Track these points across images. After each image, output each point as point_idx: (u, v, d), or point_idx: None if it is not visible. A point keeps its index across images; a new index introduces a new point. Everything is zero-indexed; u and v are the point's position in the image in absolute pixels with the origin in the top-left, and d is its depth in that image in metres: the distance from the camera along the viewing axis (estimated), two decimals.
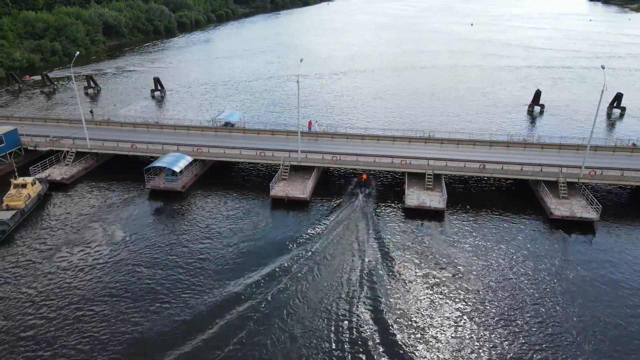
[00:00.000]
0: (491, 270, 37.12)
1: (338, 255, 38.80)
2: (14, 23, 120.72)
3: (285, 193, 47.83)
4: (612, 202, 48.23)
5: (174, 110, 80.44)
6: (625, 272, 36.91)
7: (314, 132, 62.06)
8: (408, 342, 30.04)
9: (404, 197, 47.13)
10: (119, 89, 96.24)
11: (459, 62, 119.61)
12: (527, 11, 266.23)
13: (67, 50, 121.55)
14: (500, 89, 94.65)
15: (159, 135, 60.59)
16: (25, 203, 44.73)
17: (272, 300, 33.39)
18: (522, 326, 31.36)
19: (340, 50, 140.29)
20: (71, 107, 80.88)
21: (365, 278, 36.02)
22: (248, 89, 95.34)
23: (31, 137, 58.26)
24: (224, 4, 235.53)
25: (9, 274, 36.46)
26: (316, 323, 31.35)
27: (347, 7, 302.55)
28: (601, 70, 49.67)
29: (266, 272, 36.43)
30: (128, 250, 39.45)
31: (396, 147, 56.54)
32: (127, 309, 32.63)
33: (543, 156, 53.20)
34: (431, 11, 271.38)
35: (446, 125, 70.10)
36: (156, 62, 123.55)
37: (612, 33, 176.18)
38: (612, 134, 69.88)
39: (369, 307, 33.00)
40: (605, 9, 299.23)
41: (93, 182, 52.56)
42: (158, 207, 47.63)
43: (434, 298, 34.12)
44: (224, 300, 33.30)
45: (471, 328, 31.31)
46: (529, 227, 43.71)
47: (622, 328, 31.22)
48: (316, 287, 34.88)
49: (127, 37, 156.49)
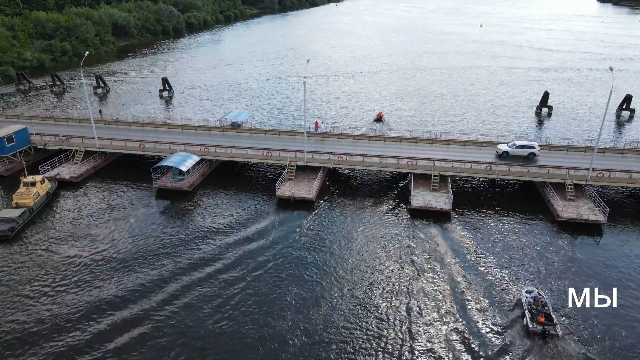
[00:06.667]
0: (497, 272, 36.95)
1: (342, 255, 38.92)
2: (24, 23, 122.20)
3: (292, 193, 47.99)
4: (619, 205, 47.78)
5: (182, 110, 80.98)
6: (633, 275, 36.60)
7: (321, 132, 62.21)
8: (407, 341, 30.06)
9: (409, 197, 47.10)
10: (127, 88, 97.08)
11: (468, 64, 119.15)
12: (537, 13, 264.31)
13: (77, 51, 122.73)
14: (509, 90, 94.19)
15: (166, 134, 61.04)
16: (34, 201, 45.26)
17: (275, 297, 33.56)
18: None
19: (347, 51, 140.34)
20: (80, 106, 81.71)
21: (367, 277, 36.09)
22: (255, 89, 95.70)
23: (41, 136, 58.92)
24: (232, 5, 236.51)
25: (17, 270, 36.95)
26: (317, 321, 31.46)
27: (355, 9, 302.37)
28: (610, 72, 49.27)
29: (272, 270, 36.63)
30: (134, 249, 39.77)
31: (402, 147, 56.47)
32: (133, 308, 32.90)
33: (550, 158, 52.85)
34: (439, 13, 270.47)
35: (453, 126, 69.85)
36: (164, 63, 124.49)
37: (622, 35, 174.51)
38: (620, 136, 69.28)
39: (369, 306, 33.04)
40: (616, 10, 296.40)
41: (101, 181, 53.05)
42: (165, 206, 47.98)
43: (434, 298, 34.08)
44: (224, 300, 33.49)
45: (472, 328, 31.25)
46: (536, 229, 43.47)
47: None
48: (319, 286, 35.01)
49: (136, 37, 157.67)
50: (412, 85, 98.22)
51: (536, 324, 29.88)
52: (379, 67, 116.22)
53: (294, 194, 47.80)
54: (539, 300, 31.31)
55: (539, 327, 29.71)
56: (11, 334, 30.53)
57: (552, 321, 30.07)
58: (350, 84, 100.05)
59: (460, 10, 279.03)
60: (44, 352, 29.09)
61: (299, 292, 34.33)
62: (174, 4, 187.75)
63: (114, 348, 29.38)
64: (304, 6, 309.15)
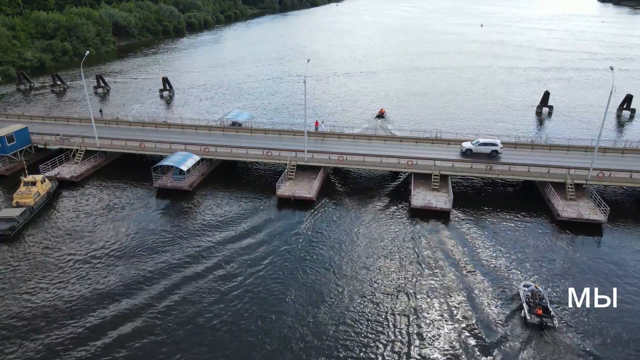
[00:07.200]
0: (497, 271, 36.95)
1: (342, 254, 38.93)
2: (25, 23, 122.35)
3: (292, 192, 48.00)
4: (620, 204, 47.79)
5: (182, 110, 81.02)
6: (633, 275, 36.59)
7: (321, 132, 62.21)
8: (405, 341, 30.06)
9: (410, 197, 47.11)
10: (128, 88, 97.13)
11: (468, 64, 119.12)
12: (537, 13, 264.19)
13: (78, 50, 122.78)
14: (509, 90, 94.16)
15: (167, 134, 61.07)
16: (35, 200, 45.31)
17: (275, 297, 33.59)
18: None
19: (347, 51, 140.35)
20: (81, 106, 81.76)
21: (368, 276, 36.11)
22: (255, 89, 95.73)
23: (41, 136, 58.96)
24: (232, 5, 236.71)
25: (17, 268, 36.99)
26: (317, 321, 31.50)
27: (355, 9, 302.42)
28: (611, 71, 49.24)
29: (272, 269, 36.66)
30: (135, 248, 39.80)
31: (403, 147, 56.47)
32: (131, 307, 32.92)
33: (551, 157, 52.83)
34: (440, 13, 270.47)
35: (453, 126, 69.83)
36: (165, 62, 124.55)
37: (623, 35, 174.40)
38: (621, 135, 69.22)
39: (369, 306, 33.06)
40: (616, 10, 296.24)
41: (102, 181, 53.09)
42: (165, 206, 48.00)
43: (435, 295, 34.09)
44: (223, 300, 33.51)
45: (472, 328, 31.27)
46: (536, 228, 43.46)
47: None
48: (319, 285, 35.04)
49: (137, 37, 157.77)
50: (412, 85, 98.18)
51: (534, 316, 30.78)
52: (379, 67, 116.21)
53: (294, 194, 47.81)
54: (537, 293, 32.16)
55: (536, 319, 30.62)
56: (11, 331, 30.57)
57: (549, 313, 30.93)
58: (351, 83, 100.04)
59: (461, 10, 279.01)
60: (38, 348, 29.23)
61: (299, 292, 34.33)
62: (175, 3, 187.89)
63: (112, 346, 29.37)
64: (305, 6, 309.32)
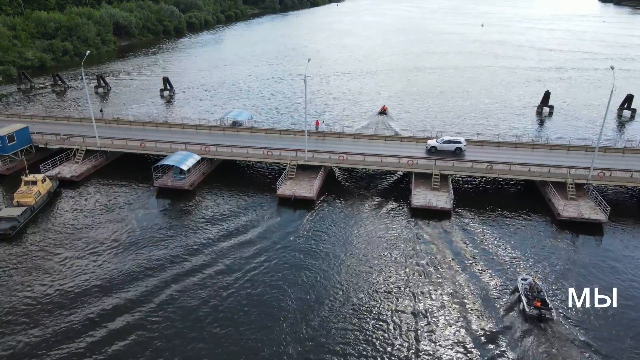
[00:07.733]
0: (497, 271, 36.94)
1: (342, 254, 38.92)
2: (26, 23, 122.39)
3: (292, 192, 48.01)
4: (620, 204, 47.77)
5: (183, 109, 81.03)
6: (633, 275, 36.56)
7: (321, 131, 62.20)
8: (405, 336, 30.08)
9: (410, 197, 47.10)
10: (128, 88, 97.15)
11: (468, 64, 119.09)
12: (538, 13, 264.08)
13: (78, 50, 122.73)
14: (510, 90, 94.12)
15: (167, 134, 61.09)
16: (35, 200, 45.33)
17: (274, 297, 33.59)
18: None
19: (347, 51, 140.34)
20: (82, 106, 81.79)
21: (368, 275, 36.11)
22: (256, 89, 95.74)
23: (42, 135, 58.98)
24: (233, 5, 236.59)
25: (17, 268, 37.01)
26: (317, 321, 31.51)
27: (355, 9, 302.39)
28: (611, 71, 49.18)
29: (271, 269, 36.66)
30: (134, 247, 39.81)
31: (403, 147, 56.48)
32: (134, 305, 32.93)
33: (551, 157, 52.82)
34: (440, 13, 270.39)
35: (454, 125, 69.80)
36: (165, 62, 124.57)
37: (624, 34, 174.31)
38: (622, 135, 69.21)
39: (369, 304, 33.08)
40: (617, 10, 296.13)
41: (102, 180, 53.11)
42: (166, 205, 48.02)
43: (435, 294, 34.09)
44: (223, 300, 33.54)
45: (472, 322, 31.30)
46: (536, 228, 43.46)
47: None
48: (319, 285, 35.04)
49: (138, 37, 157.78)
50: (412, 85, 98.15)
51: (532, 308, 31.19)
52: (379, 67, 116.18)
53: (294, 193, 47.81)
54: (535, 286, 32.60)
55: (535, 311, 31.05)
56: (11, 329, 30.61)
57: (548, 306, 31.38)
58: (351, 83, 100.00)
59: (461, 10, 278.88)
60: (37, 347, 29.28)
61: (299, 292, 34.30)
62: (175, 3, 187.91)
63: (110, 350, 29.30)
64: (305, 6, 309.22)
